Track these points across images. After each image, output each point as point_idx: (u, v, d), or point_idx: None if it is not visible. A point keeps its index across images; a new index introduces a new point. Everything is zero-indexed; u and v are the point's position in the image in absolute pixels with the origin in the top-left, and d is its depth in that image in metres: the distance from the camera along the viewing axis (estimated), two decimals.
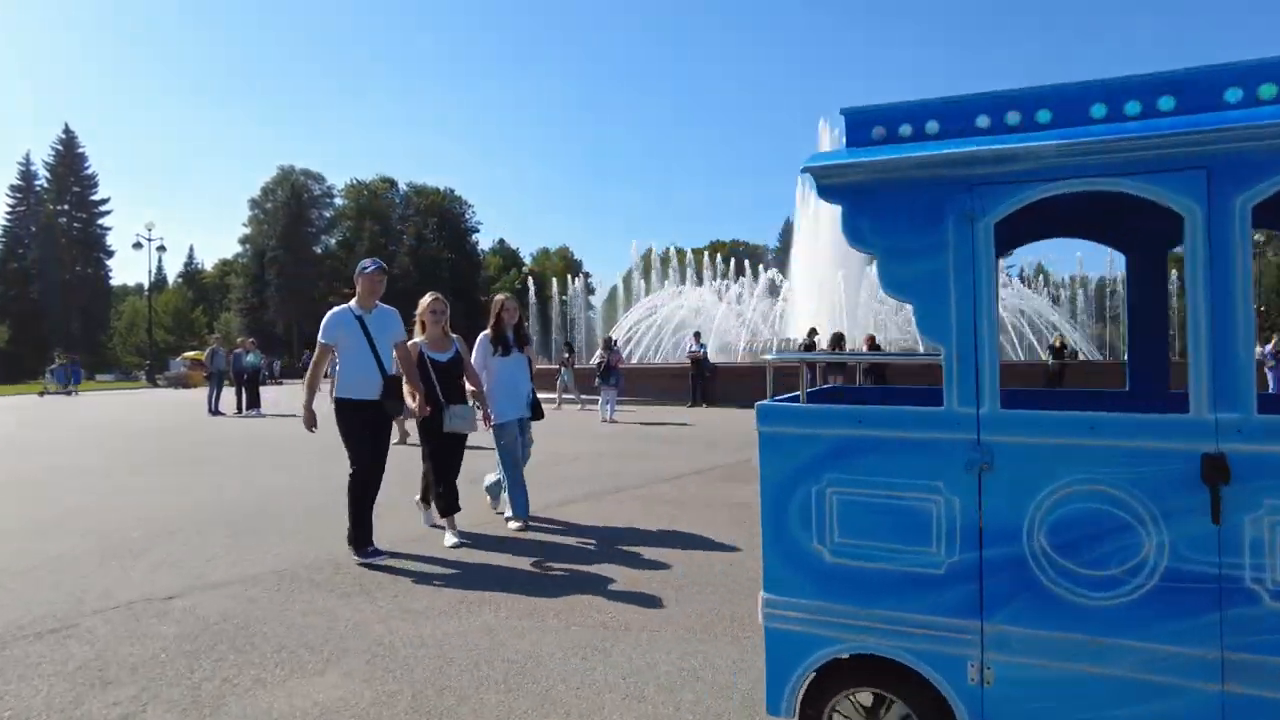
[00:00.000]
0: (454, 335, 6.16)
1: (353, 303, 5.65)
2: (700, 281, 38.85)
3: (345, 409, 5.47)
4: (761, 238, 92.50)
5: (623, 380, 16.80)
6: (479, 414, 6.03)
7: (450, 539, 5.83)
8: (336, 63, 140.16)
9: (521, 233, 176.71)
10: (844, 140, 2.44)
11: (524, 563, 5.34)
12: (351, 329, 5.52)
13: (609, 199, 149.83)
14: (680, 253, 44.19)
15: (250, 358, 20.01)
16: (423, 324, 6.04)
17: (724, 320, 29.65)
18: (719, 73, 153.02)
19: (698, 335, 20.81)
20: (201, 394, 22.42)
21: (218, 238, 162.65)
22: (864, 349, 18.63)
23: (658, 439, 12.80)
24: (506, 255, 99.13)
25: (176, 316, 79.24)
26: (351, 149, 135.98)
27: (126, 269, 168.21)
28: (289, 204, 79.25)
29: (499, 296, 6.55)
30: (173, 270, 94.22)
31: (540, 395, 6.91)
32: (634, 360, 31.56)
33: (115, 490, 8.45)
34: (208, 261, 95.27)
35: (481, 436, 6.59)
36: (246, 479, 9.09)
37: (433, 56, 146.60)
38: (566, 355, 20.80)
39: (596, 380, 16.39)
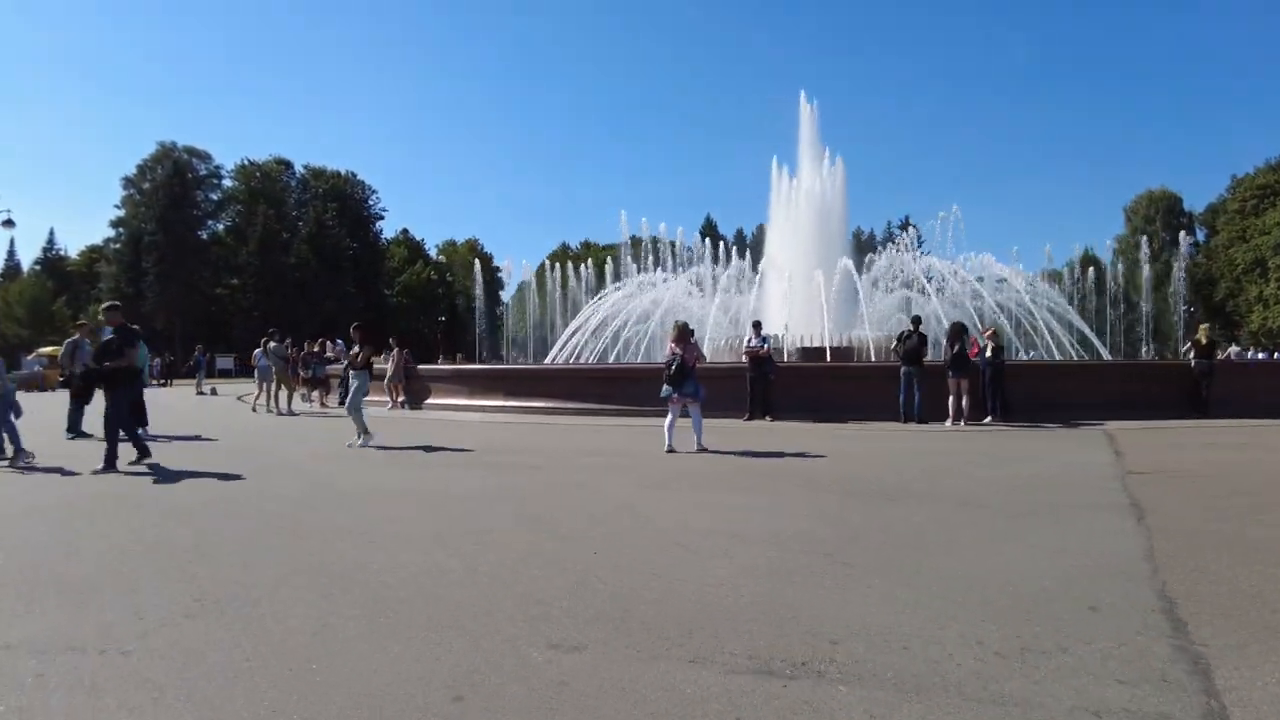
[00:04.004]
0: None
1: None
2: (688, 266, 34.37)
3: None
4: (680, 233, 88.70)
5: (703, 390, 11.01)
6: None
7: None
8: (224, 36, 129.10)
9: (424, 224, 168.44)
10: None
11: None
12: None
13: (518, 191, 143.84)
14: (672, 242, 39.80)
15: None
16: None
17: (705, 313, 25.24)
18: (629, 70, 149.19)
19: (758, 326, 15.02)
20: (60, 399, 16.16)
21: (84, 222, 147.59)
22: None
23: (828, 490, 7.87)
24: (411, 246, 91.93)
25: (33, 308, 69.88)
26: (239, 130, 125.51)
27: None
28: (170, 184, 70.44)
29: None
30: (28, 256, 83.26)
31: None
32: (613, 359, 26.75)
33: None
34: (72, 247, 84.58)
35: None
36: (193, 611, 3.71)
37: (334, 39, 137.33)
38: (395, 351, 14.86)
39: (664, 388, 10.69)
